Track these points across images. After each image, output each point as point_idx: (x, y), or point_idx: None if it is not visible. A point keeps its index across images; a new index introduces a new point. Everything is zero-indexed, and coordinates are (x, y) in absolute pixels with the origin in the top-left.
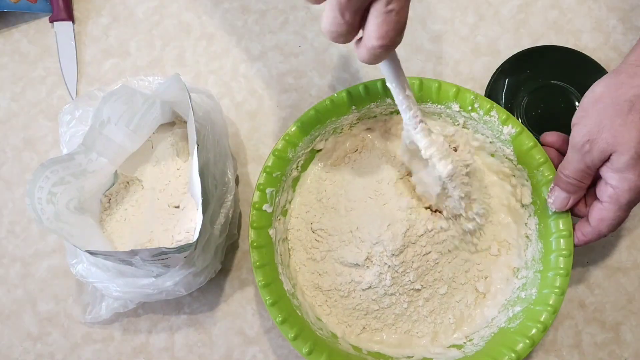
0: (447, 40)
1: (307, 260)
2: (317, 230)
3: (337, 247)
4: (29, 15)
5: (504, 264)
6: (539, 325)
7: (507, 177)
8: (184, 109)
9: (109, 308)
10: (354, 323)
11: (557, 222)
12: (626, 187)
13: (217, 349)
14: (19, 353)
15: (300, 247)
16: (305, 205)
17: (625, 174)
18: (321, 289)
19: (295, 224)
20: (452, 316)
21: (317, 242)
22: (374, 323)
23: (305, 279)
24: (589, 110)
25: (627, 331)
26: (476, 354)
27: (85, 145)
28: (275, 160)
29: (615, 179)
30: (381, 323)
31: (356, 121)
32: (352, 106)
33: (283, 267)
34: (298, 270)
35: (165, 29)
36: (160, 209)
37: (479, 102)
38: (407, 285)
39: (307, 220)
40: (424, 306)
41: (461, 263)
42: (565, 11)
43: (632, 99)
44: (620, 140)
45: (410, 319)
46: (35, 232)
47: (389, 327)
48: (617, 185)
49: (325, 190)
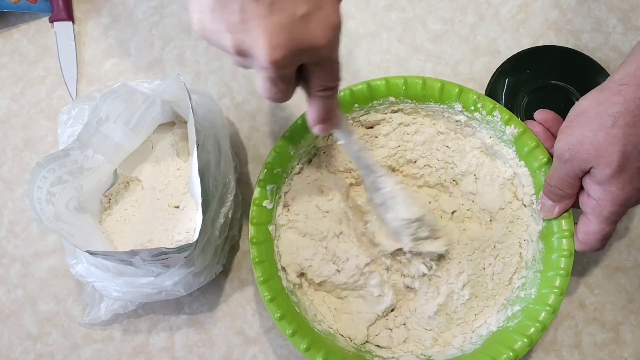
0: (447, 40)
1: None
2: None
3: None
4: (29, 15)
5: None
6: (538, 324)
7: (508, 178)
8: (184, 108)
9: (108, 309)
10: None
11: (559, 222)
12: (609, 198)
13: (217, 349)
14: (19, 353)
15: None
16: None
17: (607, 187)
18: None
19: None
20: (452, 316)
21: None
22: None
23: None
24: (574, 121)
25: (627, 331)
26: (474, 352)
27: (80, 141)
28: (277, 156)
29: (599, 191)
30: (382, 326)
31: (358, 121)
32: (355, 104)
33: (281, 262)
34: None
35: (165, 29)
36: (160, 209)
37: (482, 102)
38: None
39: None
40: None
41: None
42: (565, 11)
43: (615, 115)
44: (603, 153)
45: (411, 320)
46: (35, 232)
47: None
48: (601, 197)
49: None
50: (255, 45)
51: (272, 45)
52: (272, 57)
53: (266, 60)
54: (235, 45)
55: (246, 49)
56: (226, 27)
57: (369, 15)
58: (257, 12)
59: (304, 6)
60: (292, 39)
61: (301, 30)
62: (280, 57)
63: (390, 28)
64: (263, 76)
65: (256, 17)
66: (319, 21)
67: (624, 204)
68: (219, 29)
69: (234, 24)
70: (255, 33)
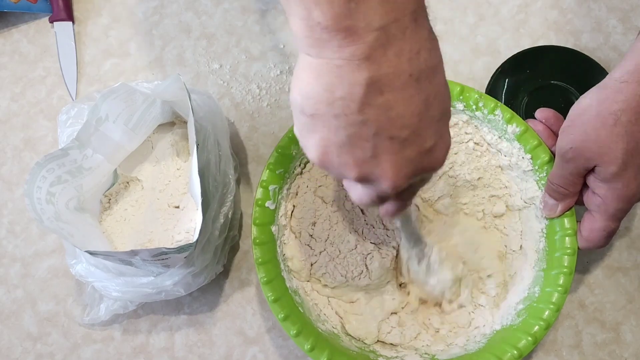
0: (447, 40)
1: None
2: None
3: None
4: (29, 16)
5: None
6: (542, 322)
7: (510, 178)
8: (184, 108)
9: (108, 309)
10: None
11: (561, 221)
12: (615, 195)
13: (217, 349)
14: (19, 353)
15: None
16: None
17: (612, 184)
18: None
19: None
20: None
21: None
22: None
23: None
24: (575, 120)
25: (627, 331)
26: (479, 351)
27: (79, 140)
28: (279, 157)
29: (604, 189)
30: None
31: None
32: None
33: (284, 263)
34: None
35: (165, 29)
36: (160, 209)
37: (484, 100)
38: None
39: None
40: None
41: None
42: (565, 11)
43: (617, 112)
44: (606, 151)
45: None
46: (35, 232)
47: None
48: (605, 195)
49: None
50: (382, 176)
51: (399, 177)
52: (396, 184)
53: (390, 188)
54: (360, 177)
55: (371, 179)
56: (354, 162)
57: None
58: (390, 148)
59: (431, 140)
60: (417, 169)
61: (426, 160)
62: (402, 184)
63: None
64: (372, 194)
65: (388, 152)
66: (441, 149)
67: (629, 201)
68: (346, 163)
69: (364, 159)
70: (385, 167)
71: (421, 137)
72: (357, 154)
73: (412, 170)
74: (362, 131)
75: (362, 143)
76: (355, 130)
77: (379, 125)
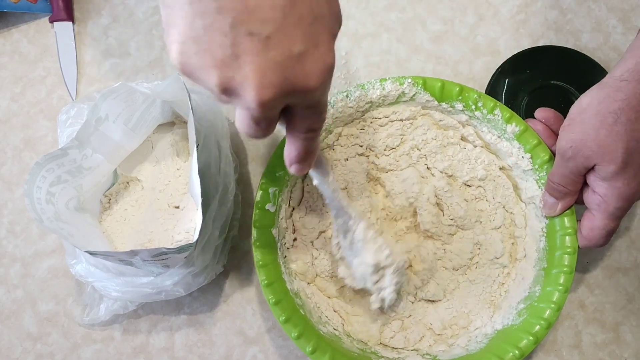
0: (447, 40)
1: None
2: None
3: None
4: (29, 16)
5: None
6: (543, 322)
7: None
8: (184, 108)
9: (108, 310)
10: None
11: (562, 220)
12: (615, 194)
13: (217, 349)
14: (19, 353)
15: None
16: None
17: (613, 183)
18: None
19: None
20: (457, 317)
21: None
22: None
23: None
24: (575, 119)
25: (627, 331)
26: (480, 351)
27: (79, 140)
28: (278, 159)
29: (604, 188)
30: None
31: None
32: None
33: (285, 266)
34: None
35: None
36: (160, 209)
37: (483, 100)
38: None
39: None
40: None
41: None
42: (565, 11)
43: (617, 111)
44: (606, 150)
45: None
46: (35, 232)
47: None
48: (606, 194)
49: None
50: (244, 83)
51: (263, 85)
52: (261, 97)
53: (254, 101)
54: (221, 84)
55: (233, 87)
56: (213, 62)
57: (369, 15)
58: (251, 47)
59: (301, 44)
60: (285, 79)
61: (295, 70)
62: (269, 98)
63: (390, 28)
64: (246, 114)
65: (249, 52)
66: (314, 61)
67: (629, 199)
68: (204, 64)
69: (223, 59)
70: (247, 70)
71: (287, 38)
72: (215, 53)
73: (279, 80)
74: (218, 21)
75: (220, 38)
76: (211, 20)
77: (235, 15)
